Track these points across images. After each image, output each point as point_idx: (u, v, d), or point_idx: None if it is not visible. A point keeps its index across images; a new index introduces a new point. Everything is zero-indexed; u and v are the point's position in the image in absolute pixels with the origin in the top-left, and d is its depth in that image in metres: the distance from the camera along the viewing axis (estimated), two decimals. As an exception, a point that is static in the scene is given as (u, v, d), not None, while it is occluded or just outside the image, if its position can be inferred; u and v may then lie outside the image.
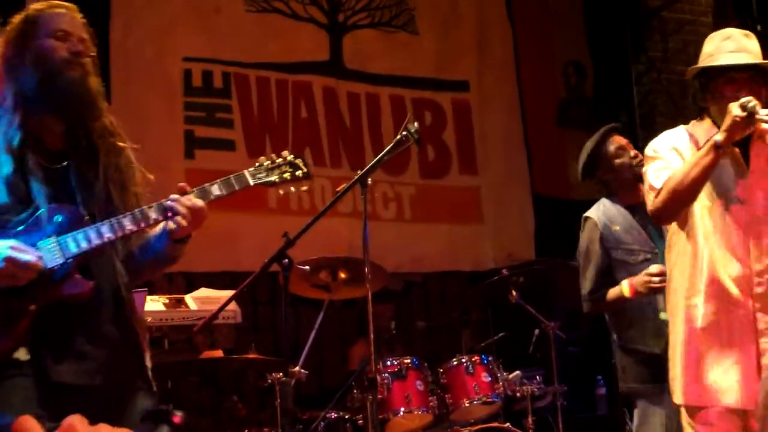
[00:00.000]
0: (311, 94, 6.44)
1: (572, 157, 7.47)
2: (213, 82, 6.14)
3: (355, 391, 4.68)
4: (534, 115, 7.31)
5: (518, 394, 4.93)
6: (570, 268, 6.35)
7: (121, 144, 2.69)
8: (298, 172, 2.80)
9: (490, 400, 4.78)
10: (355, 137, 6.55)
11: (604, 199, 4.37)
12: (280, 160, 2.79)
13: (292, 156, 2.81)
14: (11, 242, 2.41)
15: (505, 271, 5.24)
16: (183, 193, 2.63)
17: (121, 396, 2.54)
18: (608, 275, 4.16)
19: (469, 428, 4.55)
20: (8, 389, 2.39)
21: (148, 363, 2.64)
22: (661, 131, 3.39)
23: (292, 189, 2.82)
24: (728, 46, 3.21)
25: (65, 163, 2.58)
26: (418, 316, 6.31)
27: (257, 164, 2.78)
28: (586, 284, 4.27)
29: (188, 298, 4.42)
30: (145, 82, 5.83)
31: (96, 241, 2.50)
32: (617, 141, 4.38)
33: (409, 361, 4.74)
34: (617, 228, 4.17)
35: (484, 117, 7.07)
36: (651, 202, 3.13)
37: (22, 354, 2.43)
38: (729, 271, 3.08)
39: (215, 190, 2.67)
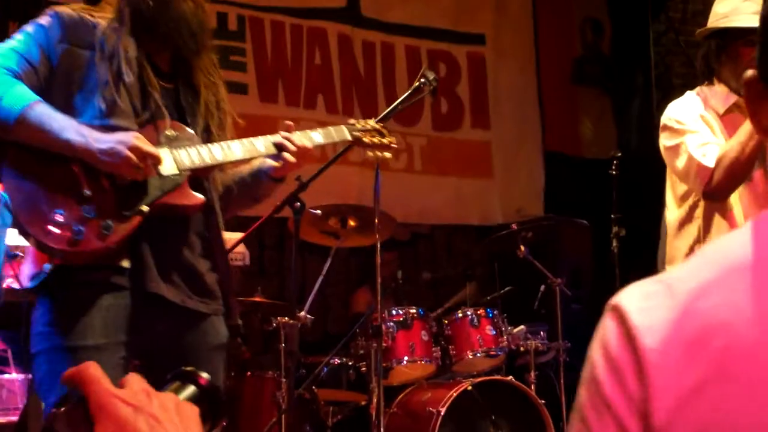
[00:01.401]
0: (326, 40, 6.39)
1: (585, 114, 7.46)
2: (227, 24, 6.08)
3: (359, 338, 4.71)
4: (549, 71, 7.25)
5: (522, 349, 4.96)
6: (577, 226, 6.37)
7: (218, 83, 2.68)
8: (386, 140, 2.97)
9: (494, 353, 4.81)
10: (369, 86, 6.50)
11: None
12: (369, 125, 2.95)
13: (380, 124, 2.98)
14: (135, 133, 2.40)
15: (514, 226, 5.24)
16: (290, 131, 2.66)
17: (205, 319, 2.57)
18: None
19: (471, 380, 4.57)
20: (97, 307, 2.39)
21: (234, 292, 2.70)
22: (678, 93, 3.31)
23: (379, 154, 2.97)
24: (749, 8, 3.11)
25: (173, 85, 2.56)
26: (423, 268, 6.32)
27: (351, 122, 2.92)
28: None
29: (197, 239, 4.41)
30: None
31: (208, 160, 2.51)
32: None
33: (414, 311, 4.77)
34: None
35: (498, 71, 7.02)
36: (703, 180, 2.97)
37: (125, 262, 2.44)
38: None
39: (317, 137, 2.74)
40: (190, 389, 0.94)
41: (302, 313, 4.46)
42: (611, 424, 0.84)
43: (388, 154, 2.99)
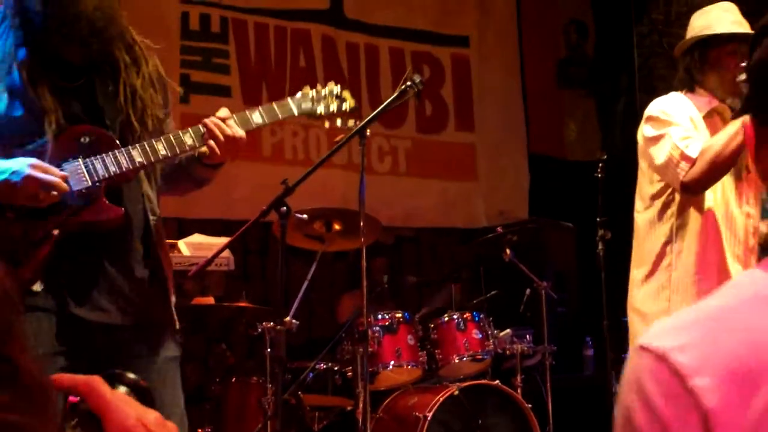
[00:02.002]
0: (310, 42, 6.35)
1: (570, 116, 7.45)
2: (210, 26, 6.04)
3: (345, 343, 4.68)
4: (533, 73, 7.25)
5: (508, 352, 4.95)
6: (562, 229, 6.36)
7: (141, 59, 2.46)
8: (345, 105, 2.67)
9: (480, 357, 4.79)
10: (353, 88, 6.40)
11: None
12: (325, 91, 2.66)
13: (338, 87, 2.67)
14: (31, 160, 2.24)
15: (499, 229, 5.22)
16: (223, 119, 2.47)
17: (147, 336, 2.42)
18: None
19: (458, 384, 4.55)
20: (28, 324, 2.26)
21: (173, 298, 2.52)
22: (661, 95, 3.34)
23: (339, 123, 2.69)
24: (729, 17, 3.18)
25: (85, 79, 2.38)
26: (409, 271, 6.29)
27: (301, 94, 2.64)
28: None
29: (181, 244, 4.37)
30: (142, 23, 5.71)
31: (126, 166, 2.34)
32: None
33: (400, 315, 4.74)
34: None
35: (483, 74, 7.01)
36: (683, 171, 2.99)
37: (37, 286, 2.29)
38: (736, 251, 3.07)
39: (257, 117, 2.52)
40: (121, 390, 0.95)
41: (288, 318, 4.43)
42: None
43: (350, 122, 2.73)
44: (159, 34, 5.75)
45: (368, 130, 3.71)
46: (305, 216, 4.40)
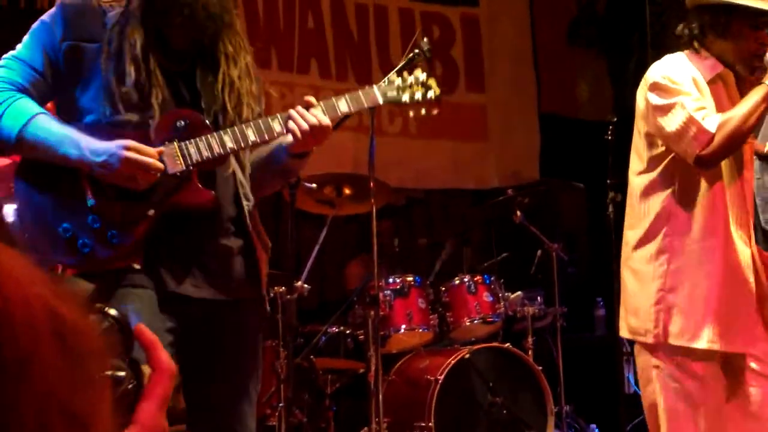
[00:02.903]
0: (318, 4, 6.29)
1: (581, 76, 7.40)
2: (219, -10, 6.00)
3: (357, 306, 4.72)
4: (544, 32, 7.18)
5: (519, 315, 4.98)
6: (573, 189, 6.35)
7: (241, 51, 2.51)
8: (430, 94, 2.65)
9: (491, 319, 4.83)
10: (363, 50, 6.44)
11: None
12: (411, 78, 2.64)
13: (425, 75, 2.66)
14: (128, 142, 2.31)
15: (510, 192, 5.23)
16: (308, 106, 2.47)
17: (236, 310, 2.50)
18: None
19: (469, 347, 4.59)
20: (129, 296, 2.33)
21: (264, 277, 2.59)
22: (674, 52, 3.26)
23: (423, 111, 2.67)
24: None
25: (188, 66, 2.45)
26: (420, 233, 6.30)
27: (387, 81, 2.64)
28: None
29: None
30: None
31: (218, 150, 2.39)
32: None
33: (411, 278, 4.77)
34: None
35: (493, 33, 6.94)
36: (701, 143, 2.89)
37: (136, 264, 2.36)
38: (740, 216, 3.05)
39: (343, 105, 2.53)
40: (105, 324, 0.98)
41: (299, 283, 4.47)
42: None
43: (434, 111, 2.69)
44: None
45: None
46: (314, 185, 4.42)
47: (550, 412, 4.60)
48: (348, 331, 4.77)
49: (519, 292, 5.02)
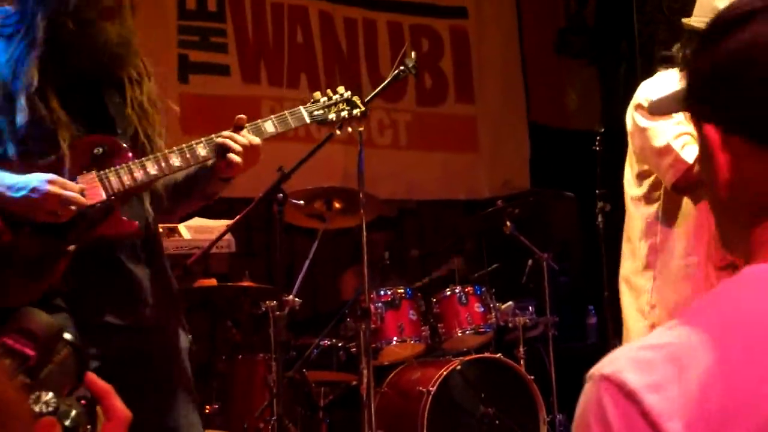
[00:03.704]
0: (307, 18, 6.33)
1: (570, 86, 7.44)
2: (207, 5, 6.02)
3: (348, 319, 4.74)
4: (532, 43, 7.21)
5: (510, 325, 5.00)
6: (564, 198, 6.38)
7: (144, 77, 2.48)
8: (356, 111, 2.71)
9: (483, 330, 4.84)
10: (352, 63, 6.47)
11: None
12: (336, 96, 2.69)
13: (348, 93, 2.71)
14: (49, 176, 2.24)
15: (500, 203, 5.25)
16: (238, 128, 2.47)
17: (166, 335, 2.49)
18: None
19: (460, 358, 4.60)
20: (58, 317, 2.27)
21: (178, 300, 2.59)
22: (662, 62, 3.26)
23: (350, 129, 2.73)
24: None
25: (94, 90, 2.41)
26: (411, 245, 6.33)
27: (313, 100, 2.67)
28: None
29: (181, 227, 4.41)
30: (138, 5, 5.71)
31: (141, 177, 2.34)
32: None
33: (402, 290, 4.79)
34: None
35: (481, 45, 6.98)
36: (678, 172, 2.88)
37: (58, 300, 2.31)
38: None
39: (269, 127, 2.52)
40: (63, 352, 1.00)
41: (290, 297, 4.48)
42: None
43: (360, 128, 2.82)
44: (156, 14, 5.85)
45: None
46: (302, 202, 4.44)
47: (542, 422, 4.61)
48: (340, 344, 4.78)
49: (510, 302, 5.04)
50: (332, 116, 2.67)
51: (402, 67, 3.46)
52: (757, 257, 0.95)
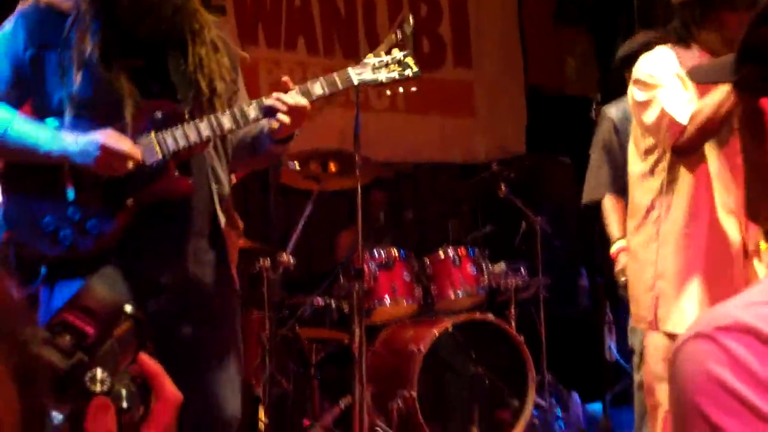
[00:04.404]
0: (306, -20, 6.32)
1: (568, 53, 7.44)
2: (206, -33, 6.02)
3: (341, 279, 4.80)
4: (531, 9, 7.20)
5: (502, 286, 5.05)
6: (559, 163, 6.43)
7: (205, 25, 2.54)
8: (408, 72, 2.73)
9: (475, 291, 4.90)
10: (350, 26, 6.46)
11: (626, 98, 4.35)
12: (388, 58, 2.71)
13: (402, 54, 2.73)
14: (107, 131, 2.38)
15: (495, 167, 5.29)
16: (285, 89, 2.54)
17: (209, 295, 2.57)
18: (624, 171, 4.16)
19: (452, 319, 4.66)
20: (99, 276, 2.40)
21: (234, 263, 2.70)
22: (660, 30, 3.31)
23: (401, 89, 2.77)
24: None
25: (157, 55, 2.49)
26: (407, 207, 6.37)
27: (363, 61, 2.69)
28: (592, 188, 4.27)
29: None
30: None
31: (194, 139, 2.44)
32: None
33: (396, 252, 4.84)
34: None
35: (480, 10, 6.96)
36: (674, 135, 2.96)
37: (115, 257, 2.44)
38: (729, 204, 3.08)
39: (317, 89, 2.58)
40: (125, 325, 1.02)
41: (285, 256, 4.54)
42: None
43: (413, 88, 2.80)
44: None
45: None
46: (297, 164, 4.48)
47: (531, 381, 4.68)
48: (333, 303, 4.84)
49: (502, 264, 5.09)
50: (381, 78, 2.69)
51: (399, 33, 3.47)
52: None
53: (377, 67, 2.69)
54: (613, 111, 4.32)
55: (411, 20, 3.50)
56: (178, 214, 2.53)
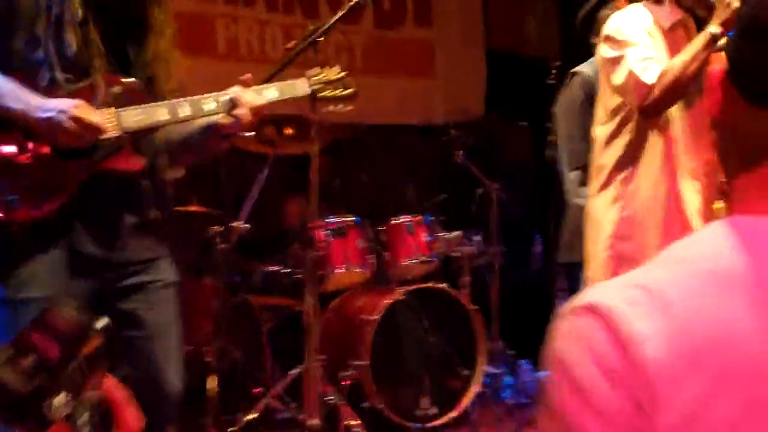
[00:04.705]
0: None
1: (530, 13, 7.36)
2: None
3: (295, 245, 4.75)
4: (494, -33, 7.10)
5: (457, 254, 5.04)
6: (517, 127, 6.40)
7: (167, 23, 2.60)
8: (347, 91, 2.91)
9: (429, 259, 4.88)
10: (310, -16, 6.33)
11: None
12: (330, 76, 2.85)
13: (343, 74, 2.89)
14: (78, 101, 2.36)
15: (452, 132, 5.25)
16: (246, 86, 2.59)
17: (151, 267, 2.60)
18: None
19: (405, 287, 4.65)
20: (38, 263, 2.41)
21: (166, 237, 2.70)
22: None
23: (337, 108, 2.91)
24: None
25: (120, 30, 2.51)
26: (363, 170, 6.32)
27: (311, 73, 2.83)
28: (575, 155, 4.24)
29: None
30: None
31: (152, 120, 2.46)
32: (617, 6, 4.22)
33: (350, 219, 4.80)
34: None
35: (442, -33, 6.85)
36: (641, 96, 2.96)
37: (61, 227, 2.44)
38: (691, 166, 3.09)
39: (271, 94, 2.68)
40: (95, 331, 1.01)
41: (237, 223, 4.49)
42: None
43: (349, 107, 2.95)
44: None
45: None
46: (253, 133, 4.41)
47: (482, 351, 4.71)
48: (286, 270, 4.80)
49: (458, 232, 5.07)
50: (328, 93, 2.85)
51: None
52: (735, 206, 0.97)
53: (324, 82, 2.88)
54: (587, 69, 4.24)
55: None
56: (123, 189, 2.54)
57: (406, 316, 4.66)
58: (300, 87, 2.77)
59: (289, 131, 4.74)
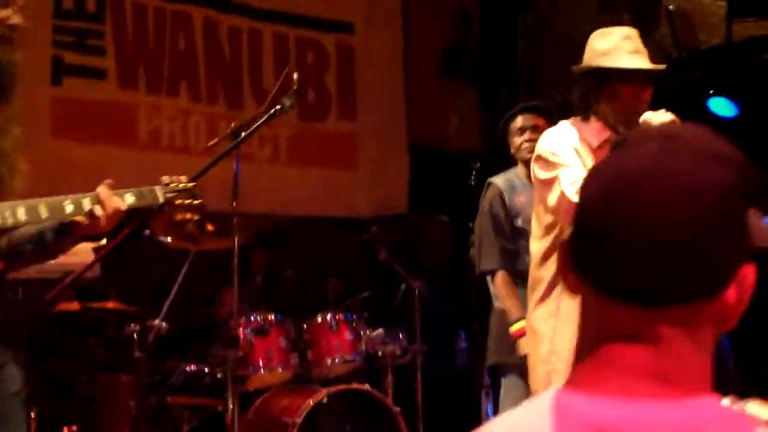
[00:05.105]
0: (191, 25, 6.15)
1: (452, 107, 7.47)
2: (86, 5, 5.78)
3: (216, 345, 4.66)
4: (417, 62, 7.16)
5: (379, 353, 5.00)
6: (440, 223, 6.44)
7: (12, 121, 2.54)
8: (195, 202, 2.81)
9: (352, 358, 4.84)
10: (235, 74, 6.32)
11: (512, 169, 4.40)
12: (182, 185, 2.77)
13: (191, 184, 2.81)
14: None
15: (374, 229, 5.26)
16: (110, 188, 2.55)
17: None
18: (510, 242, 4.21)
19: (327, 389, 4.58)
20: None
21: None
22: (542, 86, 3.37)
23: (185, 217, 2.80)
24: (627, 46, 3.15)
25: None
26: (287, 265, 6.25)
27: (168, 183, 2.74)
28: (485, 257, 4.29)
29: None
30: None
31: (11, 221, 2.40)
32: (522, 121, 4.36)
33: (273, 317, 4.74)
34: (522, 199, 4.20)
35: (367, 62, 6.89)
36: (569, 216, 3.00)
37: None
38: None
39: (129, 199, 2.60)
40: None
41: (156, 321, 4.39)
42: None
43: (197, 216, 2.88)
44: (28, 11, 5.56)
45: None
46: (169, 239, 4.36)
47: (406, 455, 4.64)
48: (207, 369, 4.69)
49: (380, 330, 5.03)
50: (179, 201, 2.75)
51: (279, 107, 3.53)
52: (571, 380, 1.02)
53: (177, 191, 2.77)
54: (500, 182, 4.36)
55: (295, 77, 3.53)
56: None
57: (328, 418, 4.57)
58: (154, 195, 2.71)
59: (210, 228, 4.67)
